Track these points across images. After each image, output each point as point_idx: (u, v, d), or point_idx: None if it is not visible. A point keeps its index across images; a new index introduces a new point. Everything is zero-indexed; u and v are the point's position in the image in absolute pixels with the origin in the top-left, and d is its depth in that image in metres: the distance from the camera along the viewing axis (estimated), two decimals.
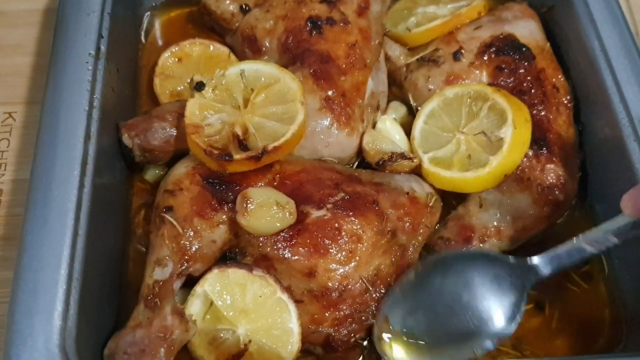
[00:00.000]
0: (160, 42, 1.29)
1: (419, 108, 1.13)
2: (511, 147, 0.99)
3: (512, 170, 1.01)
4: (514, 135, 0.99)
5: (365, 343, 0.96)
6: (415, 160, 1.04)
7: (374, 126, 1.11)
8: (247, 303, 0.90)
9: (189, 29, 1.30)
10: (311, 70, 1.05)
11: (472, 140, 1.03)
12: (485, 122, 1.03)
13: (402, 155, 1.04)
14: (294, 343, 0.90)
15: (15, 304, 0.82)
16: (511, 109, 1.01)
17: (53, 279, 0.83)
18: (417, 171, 1.07)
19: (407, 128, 1.11)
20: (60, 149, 0.93)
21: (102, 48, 1.05)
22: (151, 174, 1.11)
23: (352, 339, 0.94)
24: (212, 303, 0.92)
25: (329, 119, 1.03)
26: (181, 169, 0.99)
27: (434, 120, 1.08)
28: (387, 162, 1.04)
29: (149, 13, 1.30)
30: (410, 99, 1.16)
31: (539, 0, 1.23)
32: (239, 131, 0.97)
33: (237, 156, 0.93)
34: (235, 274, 0.92)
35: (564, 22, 1.17)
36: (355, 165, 1.12)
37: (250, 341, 0.89)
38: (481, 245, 1.01)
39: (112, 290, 0.98)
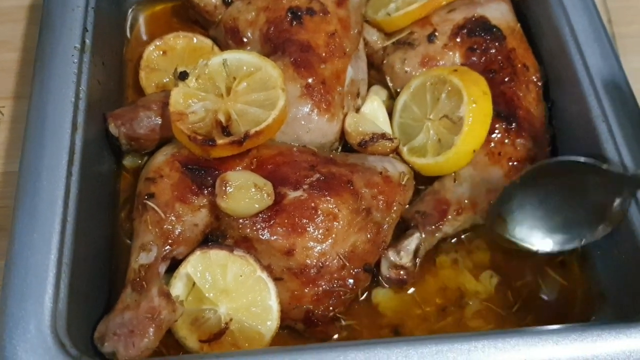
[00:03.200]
0: (145, 36, 1.31)
1: (398, 90, 1.17)
2: (471, 124, 1.02)
3: (479, 144, 1.04)
4: (472, 111, 1.02)
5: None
6: (395, 141, 1.08)
7: (357, 111, 1.14)
8: (228, 283, 0.93)
9: (173, 22, 1.32)
10: (292, 59, 1.08)
11: (438, 124, 1.06)
12: (446, 104, 1.06)
13: (383, 136, 1.08)
14: (274, 320, 0.93)
15: (7, 289, 0.85)
16: (465, 86, 1.04)
17: (43, 264, 0.86)
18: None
19: (388, 111, 1.15)
20: (48, 140, 0.95)
21: (87, 42, 1.07)
22: (129, 160, 1.14)
23: (331, 314, 0.97)
24: (194, 284, 0.95)
25: (309, 106, 1.06)
26: (161, 157, 1.02)
27: (407, 113, 1.12)
28: (369, 143, 1.07)
29: (133, 8, 1.33)
30: (388, 81, 1.19)
31: None
32: (222, 118, 0.99)
33: (220, 141, 0.96)
34: (216, 255, 0.95)
35: (536, 7, 1.20)
36: (338, 151, 1.14)
37: (231, 320, 0.92)
38: (458, 217, 1.04)
39: (102, 276, 1.01)
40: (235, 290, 0.93)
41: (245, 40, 1.16)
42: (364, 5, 1.23)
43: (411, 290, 1.04)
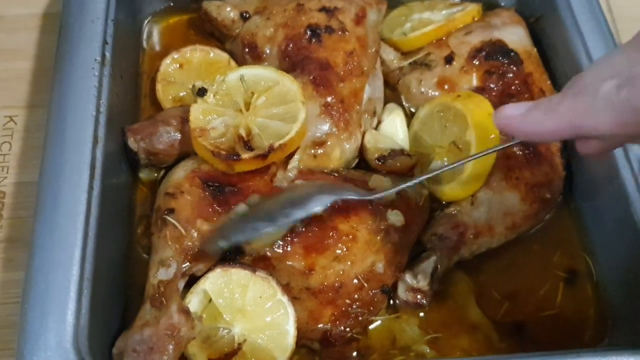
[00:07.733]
0: (161, 48, 1.30)
1: (412, 110, 1.18)
2: (479, 146, 1.02)
3: (489, 167, 1.04)
4: (478, 134, 1.02)
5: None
6: (413, 158, 1.09)
7: (376, 129, 1.15)
8: (246, 303, 0.92)
9: (189, 34, 1.32)
10: (311, 77, 1.09)
11: (448, 151, 1.07)
12: (454, 130, 1.07)
13: (402, 152, 1.08)
14: (289, 345, 0.93)
15: (27, 304, 0.84)
16: (469, 110, 1.04)
17: (65, 280, 0.86)
18: None
19: None
20: (68, 154, 0.95)
21: (107, 54, 1.07)
22: (145, 173, 1.13)
23: (349, 334, 0.97)
24: (209, 301, 0.94)
25: (328, 124, 1.07)
26: (181, 172, 1.02)
27: (419, 143, 1.13)
28: (387, 159, 1.08)
29: (149, 19, 1.32)
30: (403, 101, 1.20)
31: (528, 9, 1.28)
32: (243, 132, 1.00)
33: (244, 155, 0.97)
34: (238, 274, 0.94)
35: (552, 31, 1.22)
36: (353, 166, 1.15)
37: (245, 340, 0.91)
38: (475, 240, 1.04)
39: (119, 289, 1.01)
40: (253, 311, 0.92)
41: (263, 56, 1.17)
42: (380, 23, 1.24)
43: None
